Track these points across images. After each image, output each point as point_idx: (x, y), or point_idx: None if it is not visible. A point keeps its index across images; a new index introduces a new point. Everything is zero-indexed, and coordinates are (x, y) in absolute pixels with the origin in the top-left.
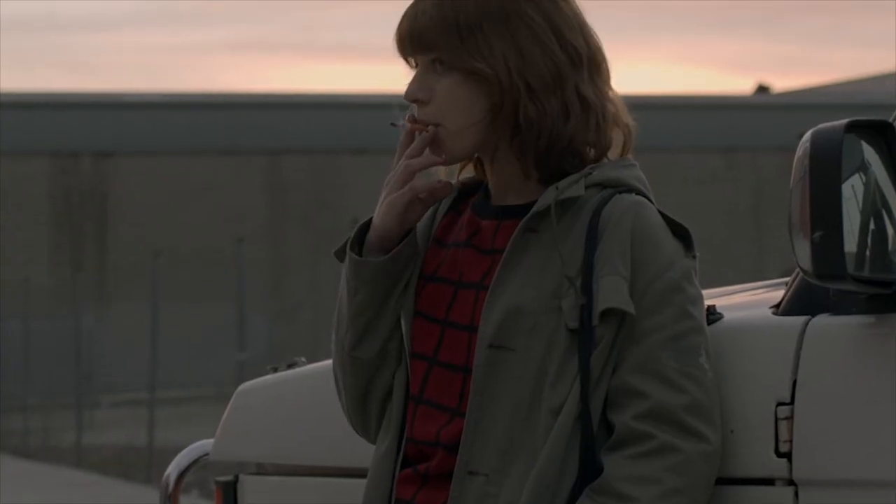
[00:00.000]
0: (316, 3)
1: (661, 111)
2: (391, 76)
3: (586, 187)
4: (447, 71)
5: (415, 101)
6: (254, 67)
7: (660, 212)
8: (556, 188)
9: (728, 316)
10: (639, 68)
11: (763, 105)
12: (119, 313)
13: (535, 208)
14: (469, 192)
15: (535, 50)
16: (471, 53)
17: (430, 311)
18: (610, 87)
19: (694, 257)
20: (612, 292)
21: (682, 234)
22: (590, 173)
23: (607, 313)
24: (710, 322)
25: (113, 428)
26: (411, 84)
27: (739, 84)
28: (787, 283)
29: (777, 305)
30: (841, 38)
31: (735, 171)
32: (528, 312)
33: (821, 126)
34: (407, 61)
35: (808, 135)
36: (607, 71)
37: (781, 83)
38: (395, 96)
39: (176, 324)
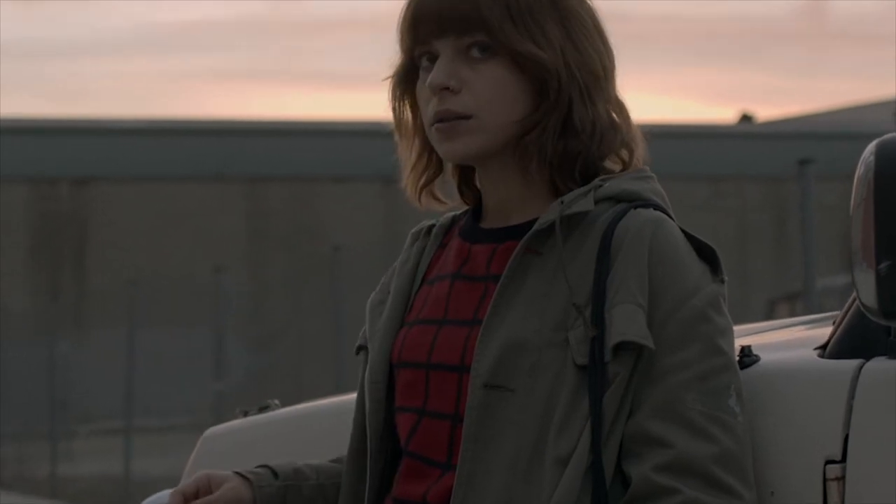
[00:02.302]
0: (298, 30)
1: (646, 140)
2: (372, 104)
3: (596, 201)
4: (491, 57)
5: (444, 89)
6: (235, 94)
7: (682, 229)
8: (561, 202)
9: (765, 358)
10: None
11: (748, 134)
12: (97, 341)
13: (536, 226)
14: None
15: (588, 46)
16: (522, 37)
17: (412, 357)
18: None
19: (722, 282)
20: (627, 323)
21: (707, 255)
22: (600, 185)
23: (622, 348)
24: (745, 365)
25: (89, 458)
26: (439, 70)
27: (721, 114)
28: (833, 320)
29: (823, 346)
30: (822, 69)
31: (720, 200)
32: (529, 347)
33: (886, 137)
34: (415, 49)
35: (871, 148)
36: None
37: (764, 112)
38: (375, 123)
39: (154, 352)
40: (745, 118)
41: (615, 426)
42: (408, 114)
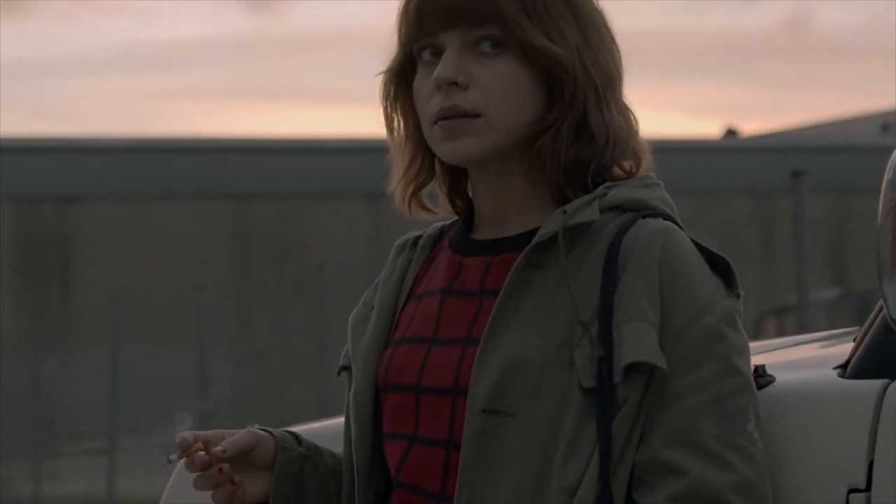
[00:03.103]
0: (283, 48)
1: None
2: (357, 121)
3: (601, 211)
4: (503, 51)
5: (451, 84)
6: (221, 113)
7: (693, 240)
8: (564, 212)
9: (781, 378)
10: None
11: (734, 148)
12: (82, 359)
13: (538, 237)
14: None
15: (602, 47)
16: (536, 31)
17: (400, 379)
18: None
19: (738, 296)
20: (637, 342)
21: (721, 268)
22: (605, 193)
23: (632, 369)
24: (759, 386)
25: (73, 477)
26: (446, 63)
27: (706, 128)
28: (854, 337)
29: (844, 365)
30: (807, 83)
31: (707, 214)
32: (531, 368)
33: None
34: (417, 41)
35: None
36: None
37: (749, 127)
38: (360, 140)
39: (140, 370)
40: (730, 132)
41: (625, 453)
42: (400, 113)
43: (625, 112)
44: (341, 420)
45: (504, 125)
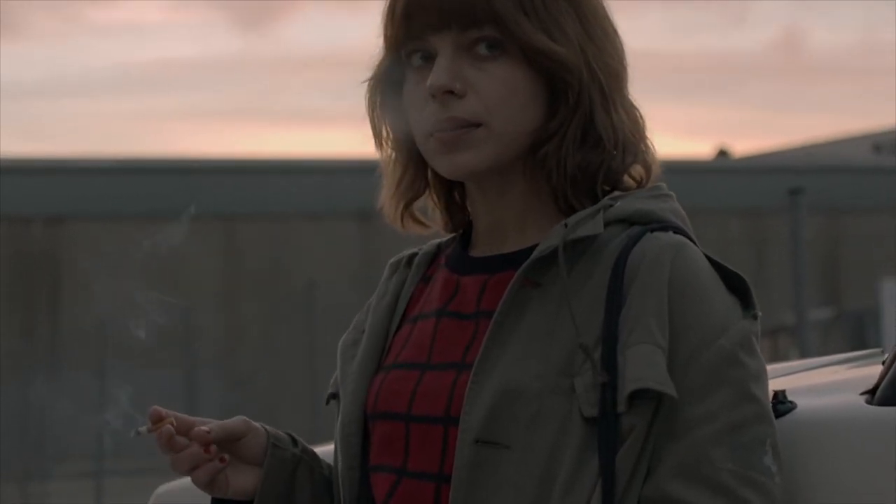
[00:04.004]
0: (273, 68)
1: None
2: (345, 142)
3: (606, 223)
4: (501, 54)
5: (447, 92)
6: (209, 133)
7: (706, 256)
8: (565, 225)
9: (803, 405)
10: None
11: (726, 168)
12: (71, 380)
13: (536, 253)
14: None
15: (606, 43)
16: (536, 30)
17: (389, 407)
18: None
19: (755, 317)
20: (644, 367)
21: (737, 286)
22: (610, 205)
23: (638, 396)
24: (779, 413)
25: (61, 500)
26: (440, 70)
27: (698, 148)
28: (882, 360)
29: (871, 390)
30: (799, 103)
31: (699, 234)
32: (528, 395)
33: None
34: (405, 45)
35: None
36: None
37: (741, 147)
38: (350, 161)
39: (128, 391)
40: (722, 153)
41: (630, 488)
42: (389, 123)
43: (631, 111)
44: (332, 448)
45: (506, 134)
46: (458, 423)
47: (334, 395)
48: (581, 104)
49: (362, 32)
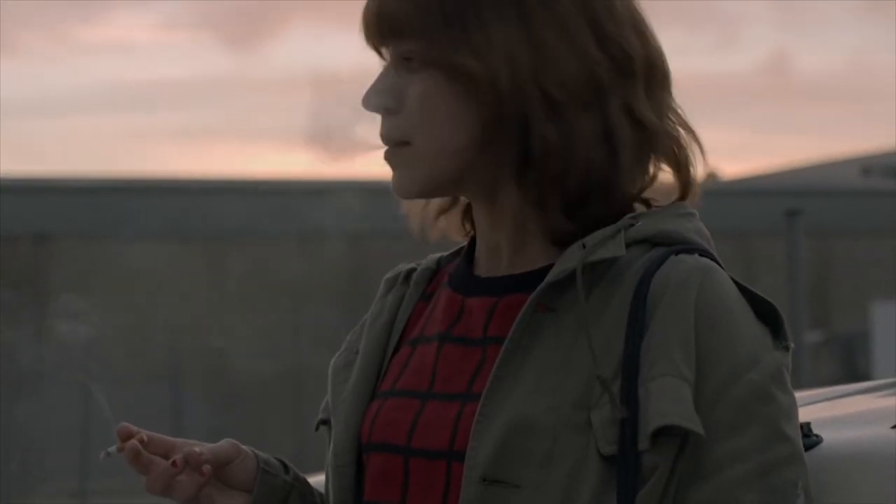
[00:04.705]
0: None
1: None
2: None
3: (627, 245)
4: (424, 68)
5: (378, 110)
6: (197, 153)
7: (735, 281)
8: (583, 246)
9: (829, 438)
10: None
11: (716, 191)
12: (55, 400)
13: (551, 276)
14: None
15: (561, 46)
16: (456, 44)
17: (387, 438)
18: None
19: (786, 349)
20: (668, 402)
21: (767, 314)
22: (631, 224)
23: (662, 433)
24: (804, 448)
25: None
26: (372, 87)
27: None
28: None
29: None
30: (787, 126)
31: None
32: (541, 430)
33: None
34: (379, 54)
35: None
36: (670, 85)
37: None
38: (340, 182)
39: (114, 412)
40: (711, 175)
41: None
42: None
43: (627, 123)
44: (324, 478)
45: (430, 152)
46: (463, 458)
47: (325, 422)
48: (504, 120)
49: (350, 53)
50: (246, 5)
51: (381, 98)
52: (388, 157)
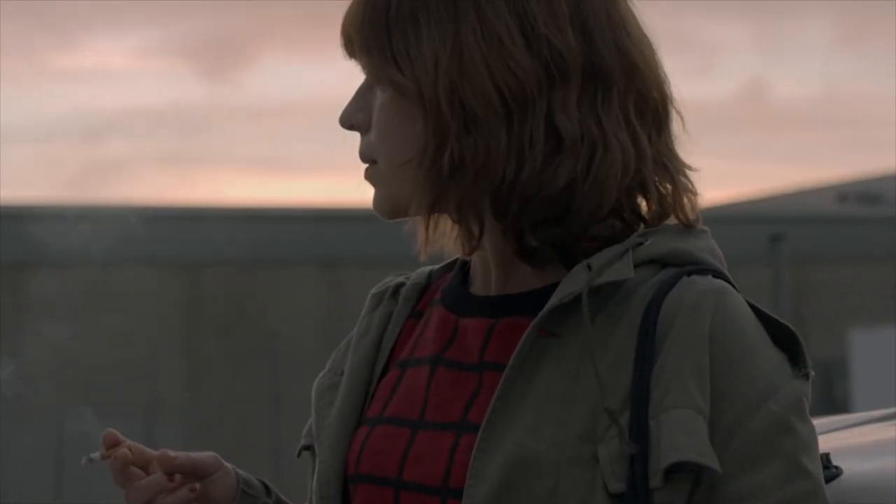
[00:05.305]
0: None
1: None
2: (313, 190)
3: (635, 265)
4: (378, 83)
5: (348, 127)
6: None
7: (750, 304)
8: (588, 267)
9: (848, 469)
10: None
11: (704, 218)
12: (30, 426)
13: (554, 298)
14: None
15: (484, 53)
16: (394, 57)
17: (375, 470)
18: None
19: (806, 377)
20: (682, 435)
21: (786, 340)
22: (639, 243)
23: (675, 469)
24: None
25: None
26: (349, 103)
27: None
28: None
29: None
30: (763, 153)
31: None
32: (544, 466)
33: None
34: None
35: None
36: (646, 92)
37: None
38: (314, 209)
39: (88, 438)
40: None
41: None
42: None
43: (542, 137)
44: None
45: (390, 169)
46: (460, 496)
47: (307, 447)
48: (436, 136)
49: (326, 81)
50: (221, 35)
51: (351, 116)
52: (365, 177)
